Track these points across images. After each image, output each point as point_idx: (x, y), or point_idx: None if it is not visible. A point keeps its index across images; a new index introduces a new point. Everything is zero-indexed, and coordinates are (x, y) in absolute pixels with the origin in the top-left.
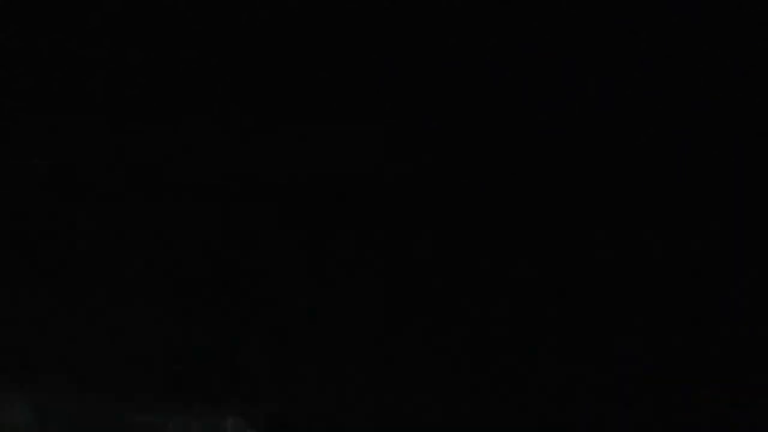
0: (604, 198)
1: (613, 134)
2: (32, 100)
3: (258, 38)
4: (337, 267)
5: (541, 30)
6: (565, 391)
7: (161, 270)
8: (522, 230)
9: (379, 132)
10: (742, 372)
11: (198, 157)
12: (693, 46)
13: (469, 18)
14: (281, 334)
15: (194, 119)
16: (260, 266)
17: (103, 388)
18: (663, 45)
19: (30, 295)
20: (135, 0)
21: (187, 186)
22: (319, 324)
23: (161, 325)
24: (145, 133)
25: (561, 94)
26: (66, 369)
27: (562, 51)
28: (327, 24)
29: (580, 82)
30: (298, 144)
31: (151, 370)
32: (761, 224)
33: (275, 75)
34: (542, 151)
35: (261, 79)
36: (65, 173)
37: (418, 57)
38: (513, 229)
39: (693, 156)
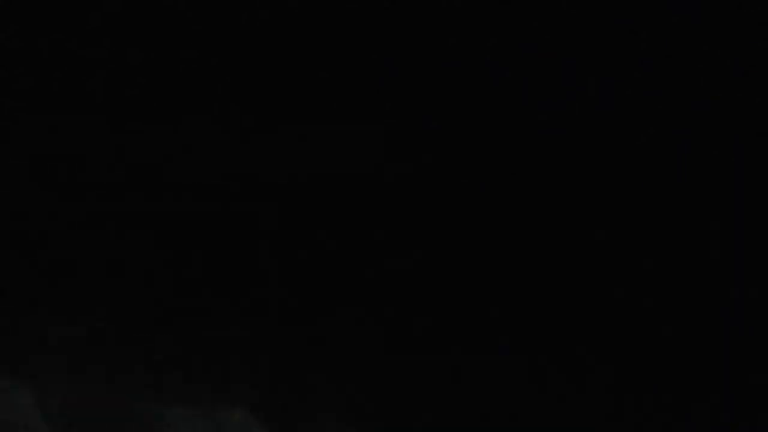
0: (604, 198)
1: (614, 134)
2: (32, 100)
3: (258, 38)
4: (336, 267)
5: (541, 30)
6: (565, 391)
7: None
8: (522, 230)
9: (379, 132)
10: (741, 372)
11: (198, 157)
12: (693, 46)
13: (469, 18)
14: (280, 335)
15: (194, 119)
16: (260, 266)
17: (104, 378)
18: (663, 45)
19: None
20: (135, 0)
21: (187, 186)
22: (319, 324)
23: (162, 324)
24: (145, 133)
25: (561, 94)
26: (67, 358)
27: (562, 51)
28: (327, 24)
29: (580, 82)
30: (298, 144)
31: (152, 357)
32: (761, 224)
33: (275, 75)
34: (542, 151)
35: (261, 79)
36: (65, 173)
37: (418, 57)
38: (513, 229)
39: (693, 156)
